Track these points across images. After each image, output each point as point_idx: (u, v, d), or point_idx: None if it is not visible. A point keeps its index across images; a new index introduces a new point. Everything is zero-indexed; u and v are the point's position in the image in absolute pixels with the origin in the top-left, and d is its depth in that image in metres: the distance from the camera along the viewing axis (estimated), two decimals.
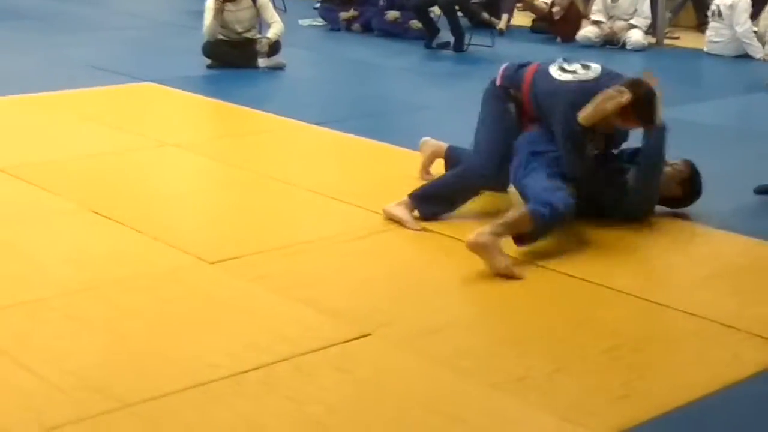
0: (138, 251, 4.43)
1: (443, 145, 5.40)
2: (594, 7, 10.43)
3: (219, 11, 8.50)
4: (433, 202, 4.84)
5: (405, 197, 4.77)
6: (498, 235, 4.22)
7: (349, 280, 4.17)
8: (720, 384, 3.29)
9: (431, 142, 5.52)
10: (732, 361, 3.45)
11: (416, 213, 4.78)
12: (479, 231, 4.21)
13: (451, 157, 5.33)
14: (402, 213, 4.74)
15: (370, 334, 3.62)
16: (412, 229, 4.66)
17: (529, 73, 4.88)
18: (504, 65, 5.06)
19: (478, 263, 4.27)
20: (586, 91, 4.57)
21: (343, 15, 11.03)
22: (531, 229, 4.33)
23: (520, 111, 4.86)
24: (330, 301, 3.91)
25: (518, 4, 11.47)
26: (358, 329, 3.65)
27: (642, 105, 4.45)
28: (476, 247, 4.18)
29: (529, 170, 4.61)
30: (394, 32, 10.57)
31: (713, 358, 3.50)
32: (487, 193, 5.02)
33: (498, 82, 4.98)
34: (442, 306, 3.93)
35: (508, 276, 4.13)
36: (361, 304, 3.90)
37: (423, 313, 3.84)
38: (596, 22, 10.32)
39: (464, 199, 4.90)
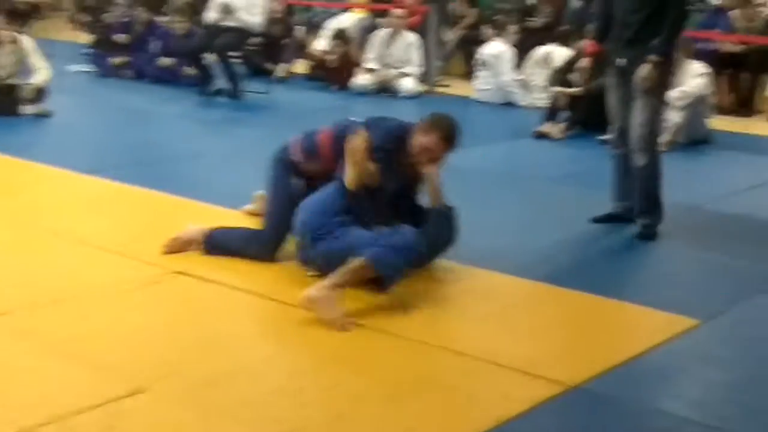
0: None
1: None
2: (368, 55, 10.67)
3: None
4: (218, 250, 4.90)
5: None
6: (334, 287, 4.18)
7: (120, 334, 4.01)
8: (493, 423, 3.36)
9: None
10: (502, 400, 3.54)
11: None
12: (317, 285, 4.18)
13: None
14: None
15: (143, 391, 3.48)
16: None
17: (324, 135, 4.89)
18: (292, 138, 5.04)
19: (255, 312, 4.22)
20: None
21: (114, 61, 10.78)
22: (377, 273, 4.32)
23: (311, 180, 4.85)
24: (100, 357, 3.75)
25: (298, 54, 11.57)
26: (131, 385, 3.50)
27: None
28: (308, 303, 4.14)
29: (337, 236, 4.56)
30: (168, 79, 10.42)
31: (485, 398, 3.57)
32: None
33: (295, 158, 4.95)
34: (220, 356, 3.84)
35: (340, 329, 4.08)
36: (134, 358, 3.76)
37: (200, 364, 3.74)
38: (370, 70, 10.54)
39: (243, 257, 4.88)
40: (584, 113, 8.38)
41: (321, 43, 11.37)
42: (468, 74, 11.43)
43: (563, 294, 4.65)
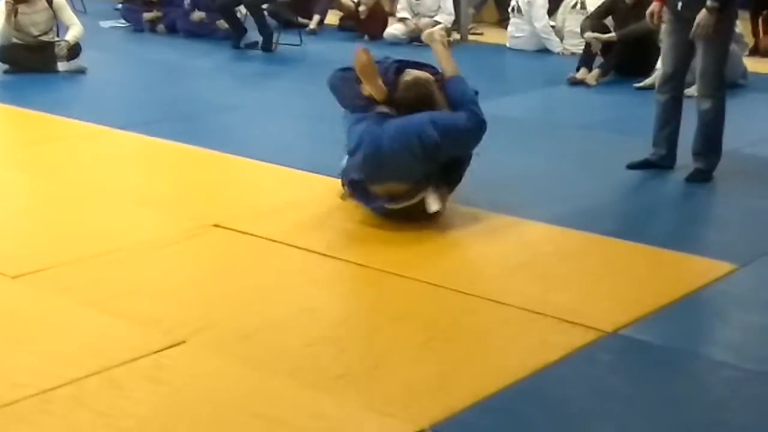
0: None
1: None
2: (399, 5, 10.60)
3: (11, 14, 8.14)
4: None
5: None
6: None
7: (161, 288, 4.06)
8: (529, 369, 3.38)
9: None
10: (540, 347, 3.56)
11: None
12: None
13: None
14: None
15: (184, 342, 3.54)
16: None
17: None
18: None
19: (293, 264, 4.26)
20: None
21: (147, 16, 10.79)
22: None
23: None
24: (141, 310, 3.81)
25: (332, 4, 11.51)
26: (172, 337, 3.57)
27: None
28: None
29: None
30: (201, 33, 10.42)
31: (522, 345, 3.60)
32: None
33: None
34: (257, 309, 3.88)
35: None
36: (175, 311, 3.81)
37: (239, 316, 3.79)
38: (402, 19, 10.48)
39: None
40: (619, 59, 8.29)
41: None
42: (501, 22, 11.33)
43: (599, 241, 4.64)
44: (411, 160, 4.62)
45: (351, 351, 3.52)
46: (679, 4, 5.47)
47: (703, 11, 5.30)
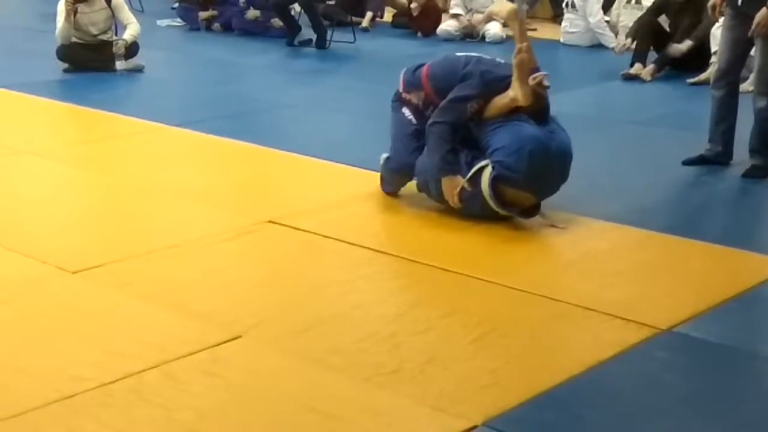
0: None
1: None
2: (452, 1, 10.59)
3: (71, 13, 8.27)
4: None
5: None
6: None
7: (217, 283, 4.12)
8: (583, 366, 3.37)
9: None
10: (594, 343, 3.55)
11: None
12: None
13: None
14: None
15: (240, 337, 3.59)
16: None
17: (425, 69, 5.03)
18: (402, 71, 5.16)
19: (346, 260, 4.29)
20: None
21: (203, 15, 10.89)
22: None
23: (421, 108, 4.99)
24: (198, 305, 3.86)
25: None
26: (228, 332, 3.61)
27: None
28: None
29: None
30: (255, 31, 10.49)
31: (576, 341, 3.60)
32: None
33: (401, 89, 5.09)
34: (312, 304, 3.92)
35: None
36: (231, 306, 3.86)
37: (293, 312, 3.83)
38: (455, 16, 10.47)
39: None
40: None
41: None
42: (555, 17, 11.26)
43: (654, 237, 4.61)
44: (560, 177, 4.74)
45: (404, 346, 3.54)
46: (740, 0, 5.40)
47: (764, 9, 5.23)
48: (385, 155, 5.11)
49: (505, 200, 4.64)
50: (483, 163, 4.66)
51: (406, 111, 5.04)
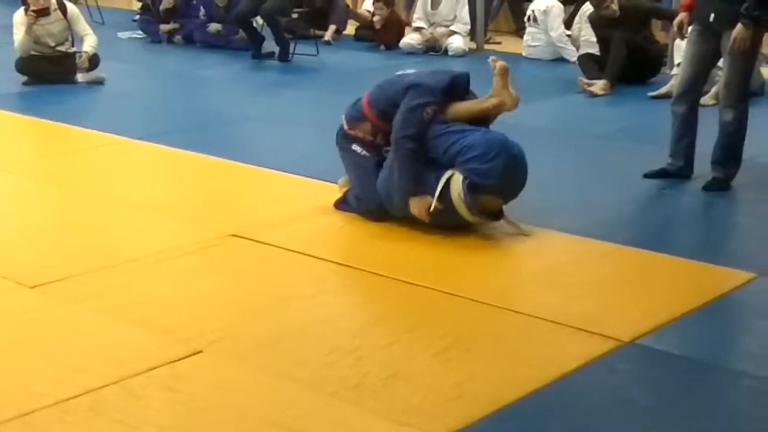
0: None
1: None
2: (415, 15, 10.60)
3: (31, 25, 8.19)
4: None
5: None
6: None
7: (178, 297, 4.08)
8: (548, 379, 3.38)
9: None
10: (558, 356, 3.55)
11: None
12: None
13: None
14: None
15: (201, 351, 3.55)
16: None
17: (364, 98, 5.04)
18: (344, 114, 5.15)
19: (310, 274, 4.27)
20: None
21: (164, 27, 10.83)
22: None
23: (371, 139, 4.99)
24: (159, 320, 3.82)
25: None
26: (189, 347, 3.58)
27: None
28: None
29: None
30: (217, 44, 10.45)
31: (539, 354, 3.60)
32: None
33: (345, 127, 5.07)
34: (275, 318, 3.89)
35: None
36: (192, 320, 3.82)
37: (257, 326, 3.80)
38: (418, 29, 10.49)
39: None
40: (618, 68, 8.32)
41: (367, 4, 11.32)
42: (517, 31, 11.32)
43: (617, 250, 4.63)
44: (524, 181, 4.82)
45: (368, 360, 3.52)
46: (712, 16, 5.44)
47: (740, 25, 5.27)
48: (343, 179, 5.11)
49: (475, 207, 4.66)
50: (448, 173, 4.66)
51: (356, 147, 5.00)
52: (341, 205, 5.07)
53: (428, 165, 4.76)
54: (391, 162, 4.82)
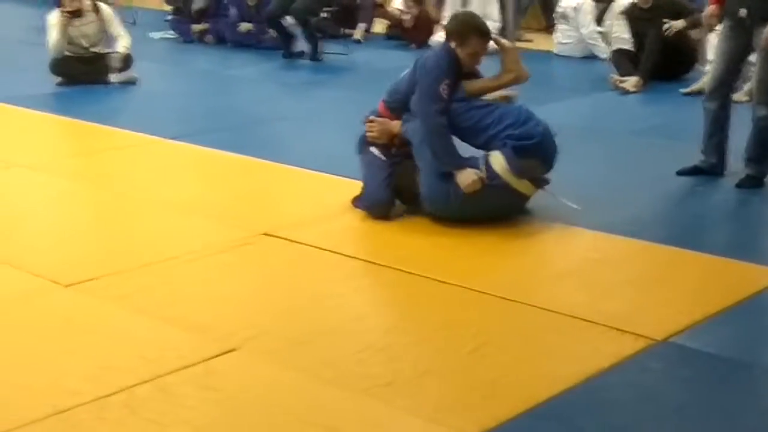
0: None
1: None
2: (445, 13, 10.59)
3: (65, 26, 8.26)
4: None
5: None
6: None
7: (212, 296, 4.11)
8: (580, 377, 3.37)
9: None
10: (590, 355, 3.54)
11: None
12: None
13: None
14: None
15: (235, 350, 3.58)
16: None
17: (380, 103, 5.19)
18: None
19: (342, 272, 4.28)
20: None
21: (195, 27, 10.90)
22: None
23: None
24: (193, 318, 3.85)
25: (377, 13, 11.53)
26: (223, 345, 3.60)
27: None
28: None
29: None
30: (248, 43, 10.50)
31: (572, 353, 3.59)
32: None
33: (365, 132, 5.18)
34: (308, 317, 3.91)
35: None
36: (226, 319, 3.85)
37: (289, 324, 3.82)
38: None
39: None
40: (652, 63, 8.26)
41: (398, 2, 11.33)
42: (548, 28, 11.28)
43: (650, 248, 4.61)
44: (556, 152, 4.94)
45: (400, 358, 3.53)
46: (742, 11, 5.40)
47: None
48: None
49: (522, 171, 4.79)
50: (485, 154, 4.83)
51: (374, 150, 5.09)
52: (357, 202, 5.10)
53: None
54: (419, 152, 4.88)
